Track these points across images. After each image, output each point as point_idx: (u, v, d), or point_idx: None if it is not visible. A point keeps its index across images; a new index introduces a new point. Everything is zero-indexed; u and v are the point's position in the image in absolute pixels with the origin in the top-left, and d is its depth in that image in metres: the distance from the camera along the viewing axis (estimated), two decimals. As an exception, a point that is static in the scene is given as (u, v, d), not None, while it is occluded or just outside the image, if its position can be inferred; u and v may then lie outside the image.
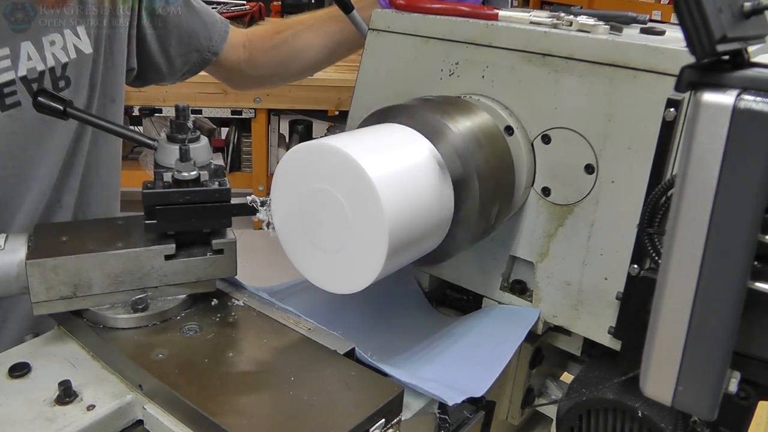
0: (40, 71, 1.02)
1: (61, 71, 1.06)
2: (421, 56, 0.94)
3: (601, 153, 0.80)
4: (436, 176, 0.74)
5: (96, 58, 1.12)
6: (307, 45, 1.37)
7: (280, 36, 1.39)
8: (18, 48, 0.99)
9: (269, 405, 0.66)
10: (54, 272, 0.73)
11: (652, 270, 0.75)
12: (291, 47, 1.38)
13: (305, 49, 1.37)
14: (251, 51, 1.39)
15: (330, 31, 1.34)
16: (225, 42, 1.33)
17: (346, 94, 2.36)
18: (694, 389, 0.56)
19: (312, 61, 1.39)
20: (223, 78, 1.45)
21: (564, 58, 0.81)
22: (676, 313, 0.55)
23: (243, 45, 1.38)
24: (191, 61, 1.31)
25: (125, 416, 0.69)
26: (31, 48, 1.01)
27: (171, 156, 0.80)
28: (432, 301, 1.05)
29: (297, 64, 1.40)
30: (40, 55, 1.02)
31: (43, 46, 1.02)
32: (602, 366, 0.85)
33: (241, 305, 0.83)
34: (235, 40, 1.36)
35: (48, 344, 0.77)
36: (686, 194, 0.53)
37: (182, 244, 0.79)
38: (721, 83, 0.51)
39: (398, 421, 0.69)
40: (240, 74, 1.42)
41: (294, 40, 1.38)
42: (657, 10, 4.93)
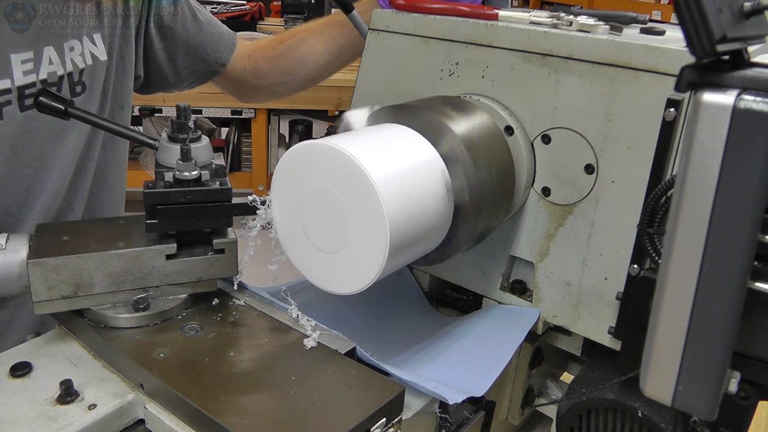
0: (60, 75, 1.04)
1: (78, 77, 1.08)
2: (421, 56, 0.94)
3: (601, 153, 0.80)
4: (436, 177, 0.74)
5: (109, 66, 1.14)
6: (310, 51, 1.38)
7: (284, 45, 1.41)
8: (41, 52, 1.01)
9: (270, 404, 0.66)
10: (55, 272, 0.73)
11: (652, 270, 0.75)
12: (295, 54, 1.40)
13: (309, 55, 1.38)
14: (256, 61, 1.41)
15: (332, 35, 1.36)
16: (233, 54, 1.35)
17: (346, 94, 2.36)
18: (694, 389, 0.56)
19: (316, 66, 1.40)
20: (231, 89, 1.47)
21: (564, 58, 0.81)
22: (676, 313, 0.55)
23: (249, 56, 1.40)
24: (198, 71, 1.32)
25: (126, 415, 0.70)
26: (53, 53, 1.03)
27: (172, 156, 0.80)
28: (432, 301, 1.05)
29: (302, 70, 1.41)
30: (61, 60, 1.04)
31: (64, 51, 1.04)
32: (602, 366, 0.85)
33: (242, 305, 0.83)
34: (242, 52, 1.38)
35: (49, 344, 0.78)
36: (686, 194, 0.53)
37: (183, 243, 0.80)
38: (721, 83, 0.51)
39: (399, 420, 0.69)
40: (246, 84, 1.44)
41: (298, 48, 1.39)
42: (657, 10, 4.94)
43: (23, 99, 1.00)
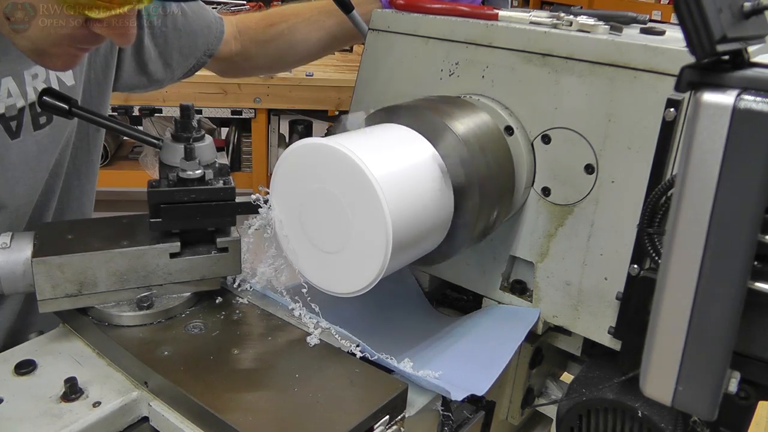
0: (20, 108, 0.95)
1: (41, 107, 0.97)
2: (421, 56, 0.94)
3: (601, 153, 0.81)
4: (436, 176, 0.74)
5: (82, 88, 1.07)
6: (302, 39, 1.33)
7: (275, 29, 1.35)
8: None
9: (274, 401, 0.67)
10: (60, 270, 0.74)
11: (652, 270, 0.76)
12: (287, 41, 1.35)
13: (301, 43, 1.34)
14: (243, 43, 1.36)
15: (326, 25, 1.31)
16: (221, 42, 1.31)
17: (346, 94, 2.36)
18: (694, 389, 0.56)
19: (307, 54, 1.36)
20: (214, 70, 1.41)
21: (564, 58, 0.81)
22: (676, 313, 0.55)
23: (234, 37, 1.34)
24: (189, 66, 1.29)
25: (131, 413, 0.70)
26: (11, 83, 0.93)
27: (176, 155, 0.81)
28: (432, 301, 1.05)
29: (291, 57, 1.37)
30: (21, 91, 0.95)
31: (25, 80, 0.95)
32: (602, 366, 0.85)
33: (246, 303, 0.83)
34: (228, 34, 1.33)
35: (53, 342, 0.78)
36: (686, 194, 0.53)
37: (187, 242, 0.80)
38: (721, 83, 0.51)
39: (402, 417, 0.70)
40: (232, 66, 1.39)
41: (290, 34, 1.34)
42: (657, 10, 4.94)
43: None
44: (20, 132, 0.95)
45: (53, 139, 1.02)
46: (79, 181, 1.17)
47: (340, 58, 3.72)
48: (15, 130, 0.94)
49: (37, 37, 0.76)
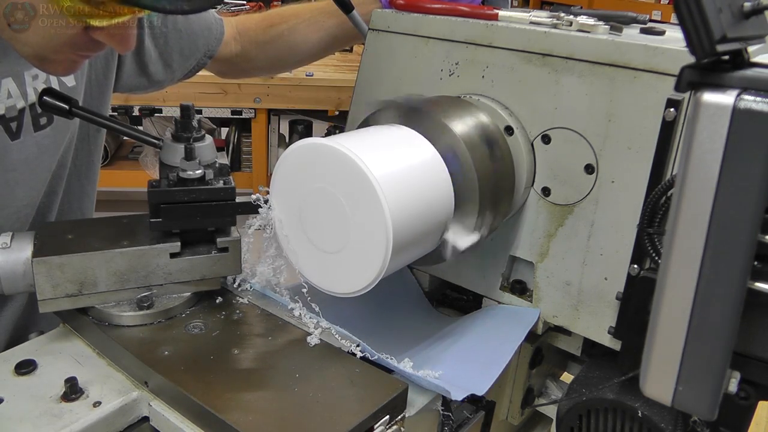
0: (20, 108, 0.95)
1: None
2: (421, 56, 0.94)
3: (601, 153, 0.81)
4: (436, 176, 0.74)
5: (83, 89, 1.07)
6: (303, 40, 1.33)
7: (274, 30, 1.35)
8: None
9: (274, 401, 0.67)
10: (60, 270, 0.74)
11: (652, 270, 0.76)
12: (287, 42, 1.34)
13: (301, 44, 1.34)
14: (243, 44, 1.35)
15: (327, 25, 1.31)
16: (221, 43, 1.31)
17: (346, 94, 2.36)
18: (694, 389, 0.56)
19: (308, 54, 1.36)
20: (216, 71, 1.41)
21: (564, 58, 0.81)
22: (676, 313, 0.55)
23: (234, 38, 1.34)
24: (189, 67, 1.29)
25: (131, 413, 0.70)
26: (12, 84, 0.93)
27: (176, 155, 0.81)
28: (432, 301, 1.05)
29: (292, 58, 1.38)
30: (21, 91, 0.95)
31: (25, 81, 0.95)
32: (602, 366, 0.85)
33: (246, 303, 0.83)
34: (228, 36, 1.33)
35: (54, 342, 0.78)
36: (686, 194, 0.53)
37: (187, 242, 0.80)
38: (721, 83, 0.51)
39: (402, 417, 0.70)
40: (232, 67, 1.39)
41: (290, 35, 1.34)
42: (657, 10, 4.94)
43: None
44: (20, 133, 0.95)
45: (54, 141, 1.02)
46: (80, 181, 1.17)
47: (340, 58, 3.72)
48: (15, 131, 0.94)
49: (38, 44, 0.76)
